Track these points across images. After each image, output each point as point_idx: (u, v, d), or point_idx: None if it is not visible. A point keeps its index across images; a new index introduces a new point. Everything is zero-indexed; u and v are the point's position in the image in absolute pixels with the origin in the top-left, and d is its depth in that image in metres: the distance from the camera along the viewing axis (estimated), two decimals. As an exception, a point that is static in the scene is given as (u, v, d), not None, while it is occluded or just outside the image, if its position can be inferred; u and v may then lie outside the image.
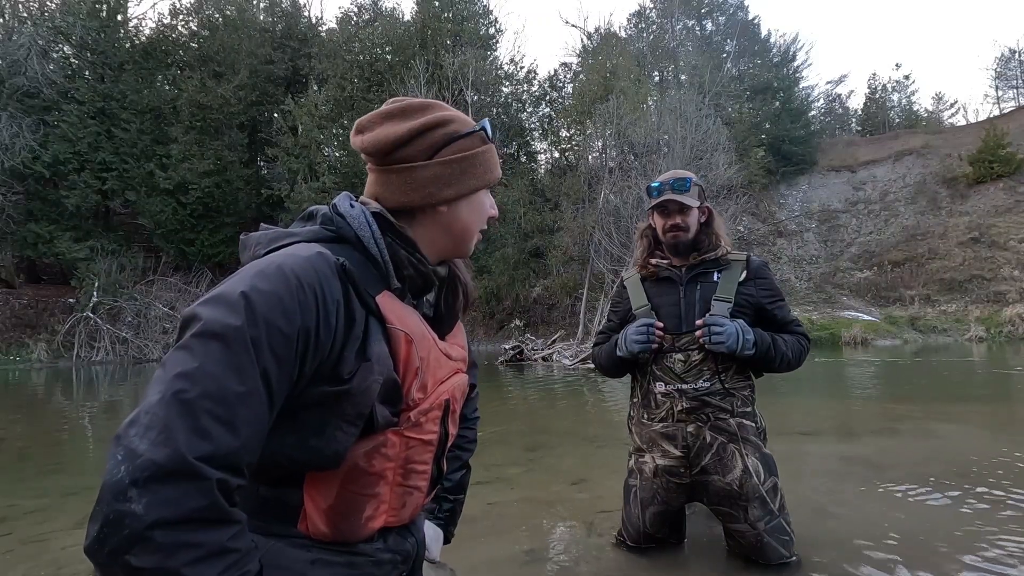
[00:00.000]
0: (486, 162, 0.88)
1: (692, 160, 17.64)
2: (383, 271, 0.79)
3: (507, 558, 2.21)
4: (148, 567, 0.54)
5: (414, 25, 27.10)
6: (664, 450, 2.00)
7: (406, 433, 0.79)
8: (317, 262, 0.71)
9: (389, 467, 0.79)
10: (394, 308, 0.79)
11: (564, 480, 3.31)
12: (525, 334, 17.65)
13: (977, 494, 2.77)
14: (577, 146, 25.53)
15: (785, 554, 1.91)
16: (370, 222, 0.80)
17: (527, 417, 6.07)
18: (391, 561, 0.85)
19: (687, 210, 2.01)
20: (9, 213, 21.17)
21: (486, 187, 0.89)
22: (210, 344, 0.61)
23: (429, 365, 0.82)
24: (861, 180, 25.81)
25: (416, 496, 0.86)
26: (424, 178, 0.83)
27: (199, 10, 28.38)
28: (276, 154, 24.63)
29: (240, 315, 0.63)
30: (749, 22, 31.41)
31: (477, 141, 0.87)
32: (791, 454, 3.78)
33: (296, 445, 0.71)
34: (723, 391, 1.95)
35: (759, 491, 1.90)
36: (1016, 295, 17.46)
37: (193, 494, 0.56)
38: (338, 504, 0.76)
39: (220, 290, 0.66)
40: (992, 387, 7.34)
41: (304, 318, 0.67)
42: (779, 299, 2.04)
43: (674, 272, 2.06)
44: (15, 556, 2.55)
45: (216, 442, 0.59)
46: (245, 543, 0.62)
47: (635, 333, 1.99)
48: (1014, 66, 37.62)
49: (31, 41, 21.66)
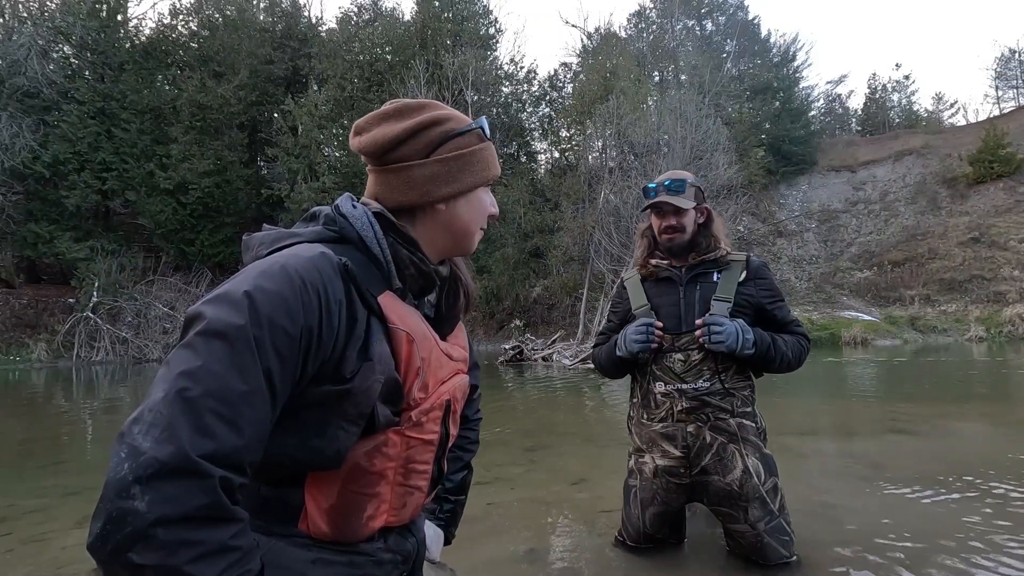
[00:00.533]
0: (484, 159, 0.88)
1: (692, 160, 17.63)
2: (385, 271, 0.80)
3: (507, 558, 2.21)
4: (150, 564, 0.54)
5: (414, 25, 27.09)
6: (664, 450, 2.00)
7: (407, 433, 0.80)
8: (320, 262, 0.72)
9: (390, 467, 0.79)
10: (396, 308, 0.79)
11: (564, 480, 3.31)
12: (525, 334, 17.65)
13: (979, 494, 2.77)
14: (577, 146, 25.52)
15: (785, 554, 1.91)
16: (372, 222, 0.81)
17: (527, 417, 6.07)
18: (392, 561, 0.85)
19: (682, 211, 2.00)
20: (9, 213, 21.16)
21: (484, 184, 0.90)
22: (213, 343, 0.62)
23: (430, 365, 0.82)
24: (861, 180, 25.81)
25: (417, 496, 0.86)
26: (422, 177, 0.83)
27: (199, 10, 28.37)
28: (276, 154, 24.62)
29: (244, 314, 0.63)
30: (749, 22, 31.40)
31: (474, 139, 0.87)
32: (791, 454, 3.78)
33: (298, 445, 0.72)
34: (723, 391, 1.95)
35: (759, 491, 1.90)
36: (1016, 295, 17.46)
37: (196, 492, 0.57)
38: (339, 504, 0.76)
39: (224, 289, 0.67)
40: (992, 387, 7.34)
41: (307, 318, 0.68)
42: (779, 299, 2.04)
43: (674, 272, 2.05)
44: (15, 556, 2.55)
45: (219, 441, 0.59)
46: (247, 541, 0.62)
47: (635, 333, 1.98)
48: (1014, 66, 37.62)
49: (31, 41, 21.65)
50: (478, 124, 0.88)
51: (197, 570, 0.56)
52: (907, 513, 2.53)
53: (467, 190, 0.87)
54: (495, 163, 0.91)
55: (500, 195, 23.06)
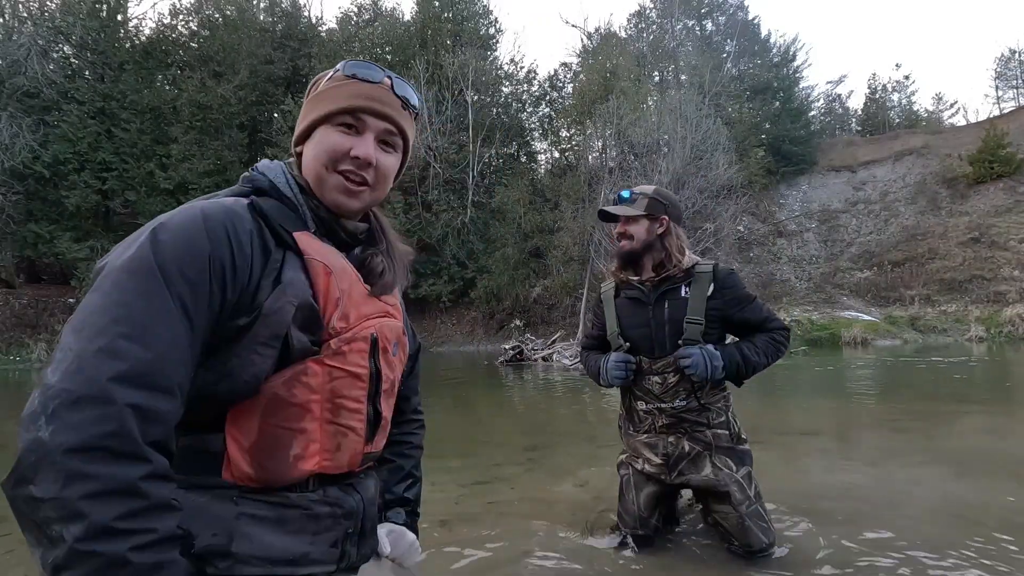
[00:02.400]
0: (331, 96, 0.83)
1: (692, 160, 17.65)
2: (299, 214, 0.81)
3: (507, 558, 2.21)
4: (45, 497, 0.52)
5: (414, 25, 27.12)
6: (647, 458, 2.17)
7: (327, 362, 0.77)
8: (226, 202, 0.75)
9: (314, 399, 0.76)
10: (312, 244, 0.80)
11: (564, 480, 3.31)
12: (525, 334, 17.65)
13: (980, 494, 2.77)
14: (577, 146, 25.54)
15: (765, 541, 2.01)
16: (285, 171, 0.85)
17: (527, 417, 6.07)
18: (331, 515, 0.79)
19: (631, 220, 2.10)
20: (9, 213, 21.18)
21: (325, 120, 0.83)
22: (119, 276, 0.62)
23: (352, 298, 0.81)
24: (861, 180, 25.81)
25: (352, 439, 0.81)
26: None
27: (199, 10, 28.38)
28: (276, 154, 24.59)
29: (145, 248, 0.64)
30: (749, 22, 31.39)
31: (334, 80, 0.85)
32: (791, 454, 3.78)
33: (213, 377, 0.70)
34: (699, 407, 2.09)
35: (734, 477, 2.06)
36: (1016, 295, 17.46)
37: (99, 419, 0.54)
38: (261, 440, 0.73)
39: (128, 237, 0.69)
40: (992, 387, 7.34)
41: (215, 247, 0.69)
42: (748, 302, 2.09)
43: (641, 291, 2.13)
44: (15, 556, 2.54)
45: (127, 358, 0.57)
46: (159, 492, 0.58)
47: (615, 368, 2.12)
48: (1014, 66, 37.64)
49: (31, 41, 21.67)
50: (341, 65, 0.86)
51: (90, 507, 0.52)
52: (909, 512, 2.53)
53: (307, 129, 0.85)
54: (348, 96, 0.82)
55: (500, 195, 23.12)
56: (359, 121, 0.83)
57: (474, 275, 23.52)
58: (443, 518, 2.63)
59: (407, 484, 1.08)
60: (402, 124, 0.87)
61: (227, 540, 0.69)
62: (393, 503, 1.05)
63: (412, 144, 0.93)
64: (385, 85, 0.85)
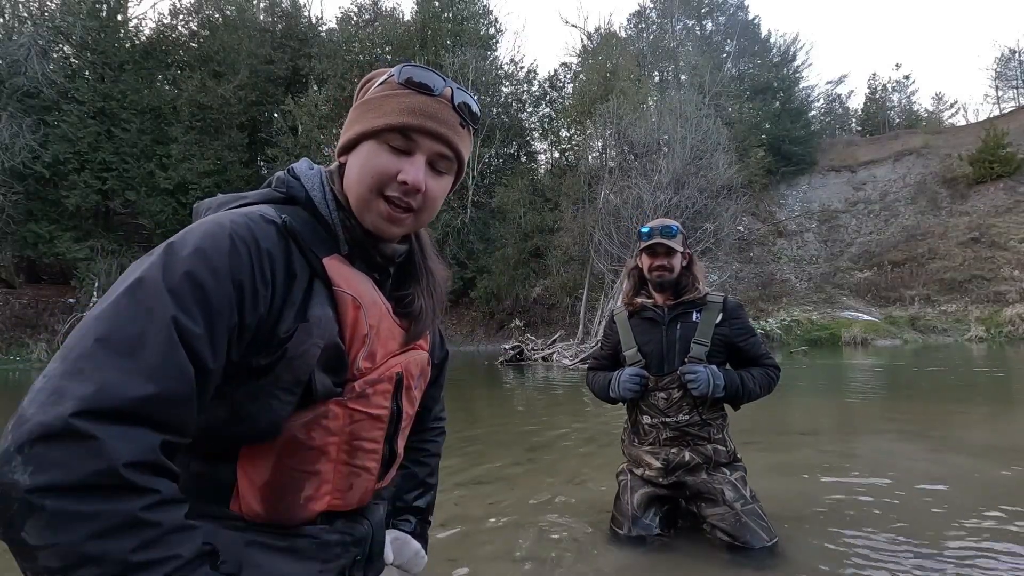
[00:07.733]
0: (382, 107, 0.75)
1: (692, 160, 17.63)
2: (333, 234, 0.75)
3: (507, 558, 2.21)
4: (42, 545, 0.47)
5: (414, 25, 27.14)
6: (648, 463, 2.29)
7: (350, 405, 0.73)
8: (254, 217, 0.68)
9: (332, 442, 0.72)
10: (342, 272, 0.73)
11: (564, 480, 3.31)
12: (525, 334, 17.66)
13: (980, 493, 2.77)
14: (577, 146, 25.56)
15: (766, 538, 2.05)
16: (324, 182, 0.77)
17: (527, 417, 6.07)
18: (340, 543, 0.77)
19: (672, 253, 2.27)
20: (9, 213, 21.19)
21: (371, 134, 0.75)
22: (118, 299, 0.57)
23: (380, 334, 0.76)
24: (861, 180, 25.83)
25: (365, 478, 0.77)
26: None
27: (199, 10, 28.41)
28: (276, 154, 24.65)
29: (156, 268, 0.59)
30: (749, 22, 31.44)
31: (386, 87, 0.77)
32: (791, 454, 3.78)
33: (229, 415, 0.66)
34: (701, 422, 2.24)
35: (728, 479, 2.18)
36: (1016, 295, 17.46)
37: (86, 456, 0.48)
38: (274, 480, 0.69)
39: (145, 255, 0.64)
40: (993, 387, 7.34)
41: (235, 271, 0.63)
42: (751, 336, 2.30)
43: (656, 313, 2.31)
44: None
45: (115, 388, 0.51)
46: (169, 518, 0.53)
47: (629, 381, 2.25)
48: (1014, 66, 37.67)
49: (31, 41, 21.67)
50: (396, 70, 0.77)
51: (101, 548, 0.48)
52: (909, 512, 2.53)
53: (352, 142, 0.76)
54: (401, 112, 0.74)
55: (500, 195, 23.13)
56: (410, 141, 0.74)
57: (474, 275, 23.54)
58: (443, 518, 2.63)
59: (418, 492, 1.04)
60: (458, 145, 0.77)
61: (236, 568, 0.66)
62: (403, 510, 1.02)
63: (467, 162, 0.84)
64: (444, 97, 0.76)
